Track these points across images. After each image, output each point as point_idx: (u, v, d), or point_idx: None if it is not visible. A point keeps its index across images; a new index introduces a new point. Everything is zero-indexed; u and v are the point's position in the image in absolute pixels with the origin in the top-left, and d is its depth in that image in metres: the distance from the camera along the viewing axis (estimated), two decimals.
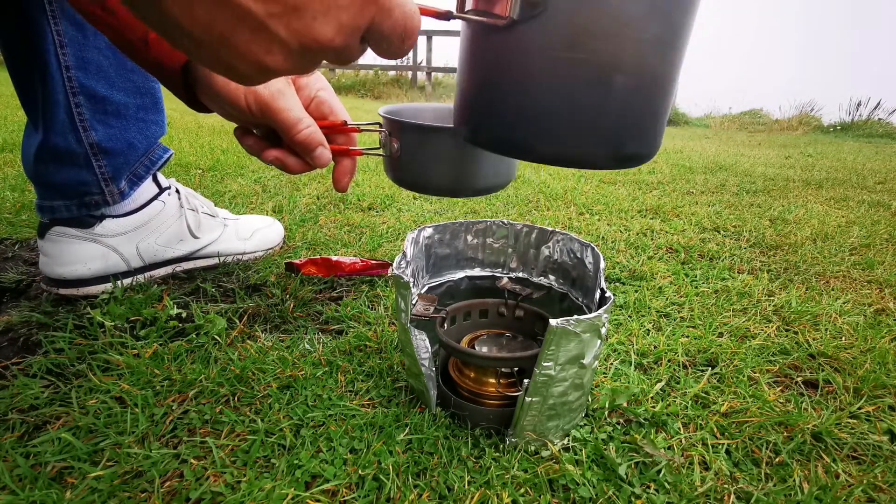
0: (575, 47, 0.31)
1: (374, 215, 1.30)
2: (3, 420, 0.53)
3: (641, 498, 0.48)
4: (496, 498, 0.47)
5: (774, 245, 1.23)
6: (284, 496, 0.45)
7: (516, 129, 0.36)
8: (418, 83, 7.92)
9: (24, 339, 0.67)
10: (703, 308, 0.87)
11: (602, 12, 0.30)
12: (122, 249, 0.80)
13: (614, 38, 0.31)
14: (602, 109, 0.33)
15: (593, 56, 0.32)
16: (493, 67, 0.35)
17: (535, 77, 0.33)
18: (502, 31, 0.33)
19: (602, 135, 0.34)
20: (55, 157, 0.73)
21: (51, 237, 0.76)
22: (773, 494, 0.49)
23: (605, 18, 0.31)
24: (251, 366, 0.63)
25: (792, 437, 0.57)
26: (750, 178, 2.16)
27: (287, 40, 0.24)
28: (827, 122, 6.23)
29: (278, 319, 0.76)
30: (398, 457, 0.50)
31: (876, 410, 0.62)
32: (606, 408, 0.59)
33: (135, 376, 0.60)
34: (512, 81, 0.34)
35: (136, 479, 0.47)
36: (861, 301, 0.93)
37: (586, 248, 0.61)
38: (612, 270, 1.01)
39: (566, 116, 0.34)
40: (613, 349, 0.73)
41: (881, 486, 0.51)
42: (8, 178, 1.36)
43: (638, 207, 1.52)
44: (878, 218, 1.54)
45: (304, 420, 0.55)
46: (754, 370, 0.70)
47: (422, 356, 0.53)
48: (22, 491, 0.44)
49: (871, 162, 2.93)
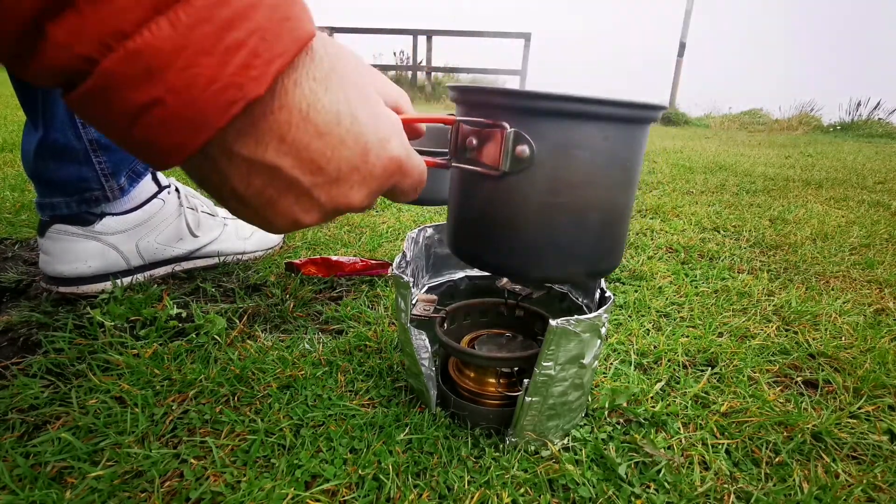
0: (557, 193, 0.39)
1: (374, 215, 1.30)
2: (3, 420, 0.53)
3: (641, 498, 0.48)
4: (496, 498, 0.47)
5: (774, 245, 1.23)
6: (284, 496, 0.45)
7: (510, 259, 0.42)
8: (418, 82, 7.92)
9: (24, 339, 0.67)
10: (702, 308, 0.87)
11: (577, 168, 0.38)
12: (121, 247, 0.80)
13: (588, 185, 0.39)
14: (579, 240, 0.41)
15: (571, 199, 0.40)
16: (487, 208, 0.42)
17: (524, 218, 0.40)
18: (495, 178, 0.39)
19: (580, 260, 0.42)
20: (55, 153, 0.73)
21: (51, 235, 0.76)
22: (772, 494, 0.49)
23: (579, 172, 0.39)
24: (251, 366, 0.63)
25: (792, 436, 0.57)
26: (750, 178, 2.16)
27: (325, 204, 0.28)
28: (827, 121, 6.24)
29: (278, 319, 0.76)
30: (398, 457, 0.50)
31: (876, 410, 0.62)
32: (606, 408, 0.59)
33: (135, 376, 0.60)
34: (504, 221, 0.41)
35: (136, 479, 0.47)
36: (861, 301, 0.93)
37: None
38: None
39: (551, 248, 0.41)
40: (613, 349, 0.73)
41: (881, 486, 0.51)
42: (8, 177, 1.36)
43: (638, 207, 1.52)
44: (877, 218, 1.54)
45: (304, 420, 0.55)
46: (754, 370, 0.70)
47: (422, 356, 0.53)
48: (22, 491, 0.44)
49: (871, 162, 2.93)
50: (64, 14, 0.18)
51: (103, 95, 0.20)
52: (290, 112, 0.24)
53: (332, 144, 0.26)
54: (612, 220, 0.43)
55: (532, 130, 0.37)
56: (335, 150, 0.26)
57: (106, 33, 0.19)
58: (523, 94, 0.37)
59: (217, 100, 0.21)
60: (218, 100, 0.21)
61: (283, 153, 0.25)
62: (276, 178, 0.25)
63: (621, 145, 0.40)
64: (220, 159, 0.24)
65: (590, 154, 0.39)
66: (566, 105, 0.37)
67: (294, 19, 0.22)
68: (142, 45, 0.19)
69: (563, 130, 0.38)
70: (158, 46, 0.19)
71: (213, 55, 0.20)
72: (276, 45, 0.22)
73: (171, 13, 0.19)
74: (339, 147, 0.26)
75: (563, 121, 0.37)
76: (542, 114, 0.37)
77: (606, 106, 0.37)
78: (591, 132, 0.38)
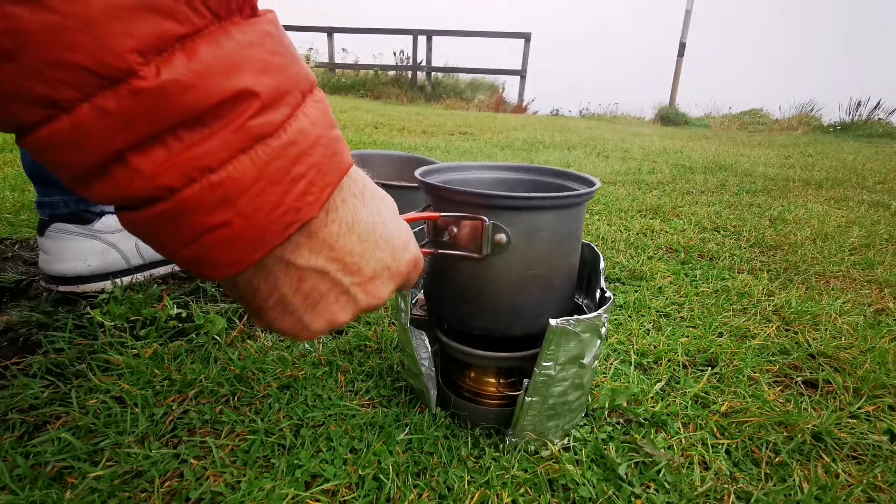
0: (530, 267, 0.48)
1: None
2: (3, 420, 0.53)
3: (641, 498, 0.48)
4: (496, 498, 0.47)
5: (774, 245, 1.23)
6: (284, 496, 0.45)
7: (495, 322, 0.51)
8: (418, 82, 7.92)
9: (24, 339, 0.67)
10: (702, 308, 0.87)
11: (544, 245, 0.48)
12: (121, 246, 0.80)
13: (552, 259, 0.49)
14: (549, 298, 0.51)
15: (541, 270, 0.49)
16: (470, 284, 0.50)
17: (505, 288, 0.49)
18: (477, 260, 0.47)
19: (550, 313, 0.50)
20: None
21: (50, 234, 0.76)
22: (772, 494, 0.49)
23: (546, 248, 0.49)
24: (251, 366, 0.63)
25: (792, 436, 0.57)
26: (750, 178, 2.16)
27: (360, 301, 0.31)
28: (827, 121, 6.23)
29: None
30: (398, 457, 0.50)
31: (876, 410, 0.62)
32: (606, 408, 0.59)
33: (135, 376, 0.60)
34: (488, 293, 0.50)
35: (136, 479, 0.47)
36: (861, 301, 0.93)
37: (586, 248, 0.61)
38: (612, 270, 1.01)
39: (528, 309, 0.50)
40: (613, 349, 0.73)
41: (881, 486, 0.51)
42: (8, 177, 1.36)
43: (638, 207, 1.52)
44: (877, 218, 1.54)
45: (304, 420, 0.55)
46: (754, 370, 0.70)
47: (422, 356, 0.53)
48: (22, 491, 0.44)
49: (871, 162, 2.93)
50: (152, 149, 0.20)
51: (173, 219, 0.22)
52: (339, 225, 0.28)
53: (369, 248, 0.30)
54: (571, 277, 0.54)
55: (507, 221, 0.46)
56: (372, 252, 0.30)
57: (194, 168, 0.21)
58: (499, 197, 0.45)
59: (278, 222, 0.24)
60: (279, 222, 0.24)
61: (332, 259, 0.28)
62: (324, 281, 0.29)
63: (572, 222, 0.50)
64: (275, 269, 0.27)
65: (552, 234, 0.48)
66: (532, 202, 0.46)
67: (339, 153, 0.26)
68: (225, 178, 0.21)
69: (531, 220, 0.47)
70: (238, 178, 0.22)
71: (280, 185, 0.23)
72: (328, 175, 0.25)
73: (252, 151, 0.22)
74: (375, 250, 0.31)
75: (532, 213, 0.46)
76: (513, 209, 0.46)
77: (561, 199, 0.47)
78: (552, 218, 0.48)
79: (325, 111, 0.25)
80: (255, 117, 0.22)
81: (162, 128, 0.20)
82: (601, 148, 3.05)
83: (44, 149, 0.19)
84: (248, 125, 0.21)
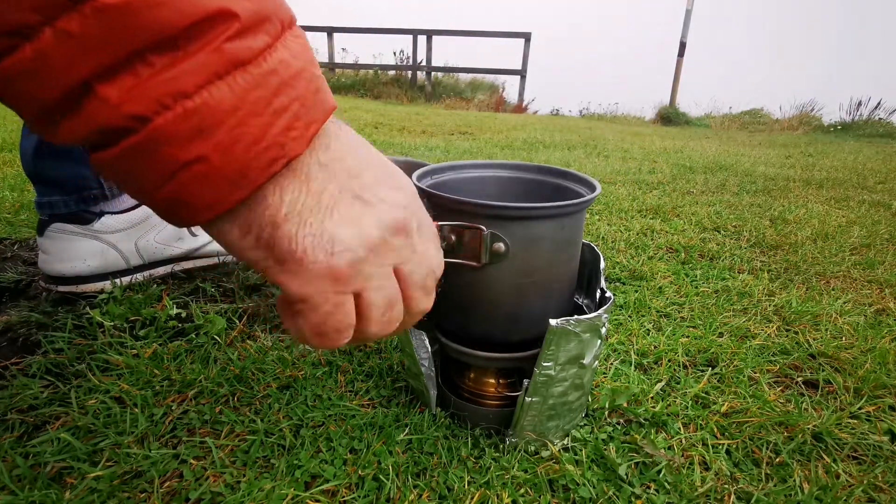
0: (529, 275, 0.48)
1: None
2: (3, 420, 0.53)
3: (641, 498, 0.48)
4: (496, 498, 0.46)
5: (775, 245, 1.23)
6: (284, 496, 0.45)
7: (493, 329, 0.51)
8: (418, 82, 7.92)
9: (24, 339, 0.67)
10: (703, 308, 0.87)
11: (544, 256, 0.48)
12: (121, 246, 0.80)
13: (551, 266, 0.49)
14: (547, 305, 0.50)
15: (540, 277, 0.49)
16: (469, 292, 0.50)
17: (504, 296, 0.49)
18: (477, 269, 0.47)
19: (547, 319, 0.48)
20: (53, 152, 0.73)
21: (50, 234, 0.76)
22: (773, 494, 0.49)
23: (545, 259, 0.48)
24: (251, 366, 0.63)
25: (792, 437, 0.57)
26: (750, 178, 2.16)
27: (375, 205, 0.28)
28: (827, 121, 6.23)
29: (278, 319, 0.76)
30: (398, 457, 0.50)
31: (876, 410, 0.62)
32: (606, 408, 0.59)
33: (134, 376, 0.60)
34: (487, 300, 0.49)
35: (136, 480, 0.47)
36: (861, 301, 0.93)
37: (586, 248, 0.61)
38: (612, 270, 1.01)
39: (526, 316, 0.50)
40: (613, 349, 0.72)
41: (881, 487, 0.51)
42: (7, 178, 1.36)
43: (638, 207, 1.51)
44: (878, 218, 1.54)
45: (303, 420, 0.55)
46: (754, 370, 0.70)
47: (422, 356, 0.53)
48: (21, 491, 0.44)
49: (872, 162, 2.93)
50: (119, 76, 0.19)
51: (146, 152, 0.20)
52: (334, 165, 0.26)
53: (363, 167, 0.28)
54: (571, 283, 0.53)
55: (505, 230, 0.45)
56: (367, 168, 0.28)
57: (165, 93, 0.19)
58: (496, 206, 0.45)
59: (261, 157, 0.22)
60: (262, 157, 0.22)
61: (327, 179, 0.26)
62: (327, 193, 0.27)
63: (572, 228, 0.49)
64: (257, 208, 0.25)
65: (552, 241, 0.48)
66: (530, 211, 0.45)
67: (323, 92, 0.24)
68: (200, 105, 0.20)
69: (529, 229, 0.46)
70: (215, 106, 0.20)
71: (262, 116, 0.21)
72: (313, 111, 0.24)
73: (230, 77, 0.20)
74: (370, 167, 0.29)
75: (530, 222, 0.46)
76: (511, 219, 0.45)
77: (560, 207, 0.46)
78: (552, 226, 0.47)
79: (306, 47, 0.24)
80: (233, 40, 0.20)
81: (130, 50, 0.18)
82: (601, 148, 3.05)
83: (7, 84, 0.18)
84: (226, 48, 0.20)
